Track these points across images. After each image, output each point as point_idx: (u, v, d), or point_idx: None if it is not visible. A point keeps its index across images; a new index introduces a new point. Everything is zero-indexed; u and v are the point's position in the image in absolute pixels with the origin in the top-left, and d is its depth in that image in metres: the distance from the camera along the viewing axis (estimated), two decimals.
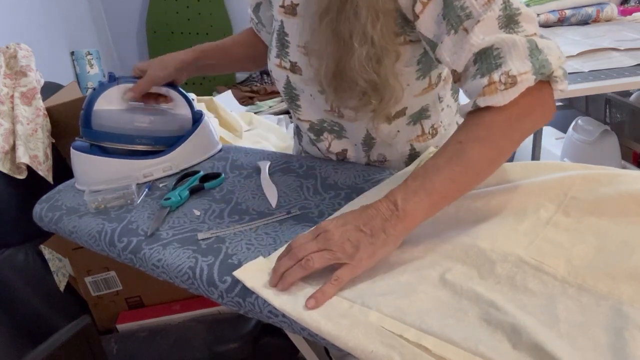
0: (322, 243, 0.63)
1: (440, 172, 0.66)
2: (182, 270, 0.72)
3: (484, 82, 0.66)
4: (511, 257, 0.65)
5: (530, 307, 0.58)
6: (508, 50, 0.66)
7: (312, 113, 0.93)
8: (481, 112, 0.67)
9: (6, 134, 1.34)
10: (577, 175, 0.77)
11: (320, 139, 0.97)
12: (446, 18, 0.69)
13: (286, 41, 0.87)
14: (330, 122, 0.93)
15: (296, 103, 0.94)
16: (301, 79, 0.88)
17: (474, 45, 0.67)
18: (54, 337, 1.07)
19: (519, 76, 0.65)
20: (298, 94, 0.92)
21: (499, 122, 0.67)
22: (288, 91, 0.93)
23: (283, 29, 0.87)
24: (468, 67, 0.70)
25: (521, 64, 0.66)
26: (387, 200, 0.65)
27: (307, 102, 0.92)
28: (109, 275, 1.34)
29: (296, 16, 0.85)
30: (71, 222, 0.88)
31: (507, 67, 0.66)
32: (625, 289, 0.59)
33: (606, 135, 2.22)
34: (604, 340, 0.53)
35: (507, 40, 0.66)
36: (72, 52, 2.41)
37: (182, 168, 1.03)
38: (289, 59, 0.88)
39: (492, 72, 0.66)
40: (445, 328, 0.56)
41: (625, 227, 0.68)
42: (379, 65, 0.76)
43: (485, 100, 0.66)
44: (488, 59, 0.67)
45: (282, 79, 0.92)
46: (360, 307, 0.60)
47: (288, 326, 0.63)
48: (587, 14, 2.08)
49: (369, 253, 0.63)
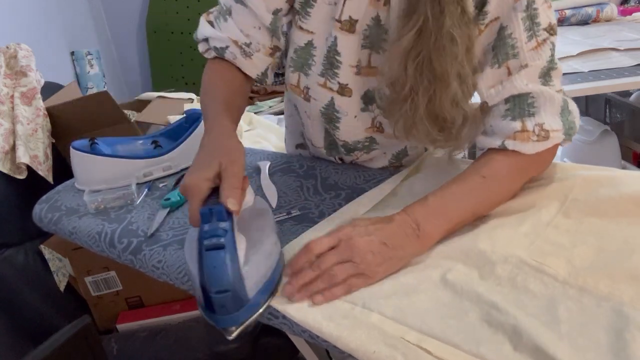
0: (345, 253, 0.64)
1: (462, 201, 0.70)
2: (182, 271, 0.72)
3: (516, 127, 0.71)
4: (512, 258, 0.65)
5: (531, 308, 0.58)
6: (544, 103, 0.71)
7: (351, 135, 0.88)
8: (505, 152, 0.72)
9: (6, 134, 1.34)
10: (577, 176, 0.77)
11: (350, 155, 0.94)
12: (495, 50, 0.72)
13: (337, 60, 0.79)
14: (364, 140, 0.89)
15: (335, 125, 0.87)
16: (349, 101, 0.82)
17: (516, 88, 0.71)
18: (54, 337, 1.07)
19: (552, 132, 0.71)
20: (340, 117, 0.85)
21: (520, 166, 0.73)
22: (328, 112, 0.85)
23: (335, 47, 0.78)
24: (499, 104, 0.73)
25: (553, 120, 0.72)
26: (408, 217, 0.68)
27: (349, 124, 0.86)
28: (109, 275, 1.34)
29: (354, 33, 0.77)
30: (71, 222, 0.88)
31: (541, 120, 0.71)
32: (626, 289, 0.59)
33: (606, 135, 2.22)
34: (604, 341, 0.53)
35: (545, 93, 0.71)
36: (72, 52, 2.41)
37: (182, 168, 1.03)
38: (338, 80, 0.81)
39: (524, 119, 0.71)
40: (446, 329, 0.56)
41: (625, 228, 0.68)
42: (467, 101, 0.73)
43: (515, 145, 0.71)
44: (522, 104, 0.72)
45: (324, 99, 0.83)
46: (362, 310, 0.60)
47: (289, 328, 0.63)
48: (587, 14, 2.08)
49: (386, 268, 0.65)
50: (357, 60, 0.80)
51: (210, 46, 0.83)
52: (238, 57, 0.81)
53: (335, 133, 0.89)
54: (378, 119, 0.86)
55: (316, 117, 0.88)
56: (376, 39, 0.79)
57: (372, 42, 0.79)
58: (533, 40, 0.71)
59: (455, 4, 0.67)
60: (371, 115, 0.85)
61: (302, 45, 0.82)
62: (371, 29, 0.78)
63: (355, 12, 0.76)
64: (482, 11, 0.71)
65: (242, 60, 0.82)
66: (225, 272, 0.55)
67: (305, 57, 0.82)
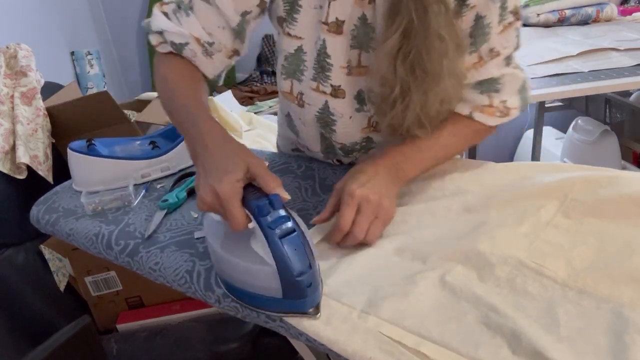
0: (370, 213, 0.71)
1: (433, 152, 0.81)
2: (180, 274, 0.72)
3: (484, 101, 0.80)
4: (511, 259, 0.65)
5: (530, 310, 0.58)
6: (508, 82, 0.80)
7: (348, 137, 0.88)
8: (471, 119, 0.82)
9: (6, 134, 1.34)
10: (577, 176, 0.77)
11: (349, 157, 0.95)
12: (472, 38, 0.77)
13: (327, 63, 0.79)
14: (362, 141, 0.89)
15: (331, 128, 0.87)
16: (343, 102, 0.83)
17: (489, 74, 0.79)
18: (54, 337, 1.08)
19: (512, 110, 0.82)
20: (335, 120, 0.85)
21: (478, 132, 0.84)
22: (323, 116, 0.85)
23: (325, 49, 0.79)
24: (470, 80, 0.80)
25: (513, 98, 0.81)
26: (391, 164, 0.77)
27: (344, 125, 0.86)
28: (109, 275, 1.34)
29: (342, 34, 0.78)
30: (68, 224, 0.87)
31: (504, 97, 0.81)
32: (626, 291, 0.58)
33: (606, 135, 2.22)
34: (604, 344, 0.52)
35: (510, 74, 0.80)
36: (72, 52, 2.41)
37: (180, 168, 1.03)
38: (330, 82, 0.81)
39: (491, 94, 0.80)
40: (445, 332, 0.55)
41: (625, 229, 0.68)
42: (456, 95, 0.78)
43: (481, 117, 0.81)
44: (490, 82, 0.80)
45: (318, 103, 0.83)
46: (360, 313, 0.60)
47: (285, 331, 0.63)
48: (587, 14, 2.07)
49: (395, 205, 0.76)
50: (347, 61, 0.80)
51: (166, 40, 0.78)
52: (198, 55, 0.78)
53: (331, 136, 0.89)
54: (374, 118, 0.86)
55: (311, 122, 0.88)
56: (364, 38, 0.79)
57: (360, 41, 0.79)
58: (500, 25, 0.76)
59: (438, 2, 0.69)
60: (367, 115, 0.85)
61: (292, 51, 0.82)
62: (358, 28, 0.78)
63: (341, 13, 0.76)
64: (464, 4, 0.73)
65: (202, 58, 0.79)
66: (305, 253, 0.58)
67: (296, 63, 0.82)
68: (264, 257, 0.58)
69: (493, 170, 0.86)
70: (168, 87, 0.76)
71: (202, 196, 0.59)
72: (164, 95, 0.77)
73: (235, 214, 0.58)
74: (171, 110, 0.74)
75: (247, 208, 0.58)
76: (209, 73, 0.81)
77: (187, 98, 0.73)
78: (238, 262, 0.61)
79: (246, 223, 0.59)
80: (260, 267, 0.58)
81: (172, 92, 0.75)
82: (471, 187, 0.81)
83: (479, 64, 0.78)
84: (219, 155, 0.62)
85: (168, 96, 0.75)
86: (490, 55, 0.77)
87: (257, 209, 0.57)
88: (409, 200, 0.82)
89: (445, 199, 0.80)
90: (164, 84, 0.78)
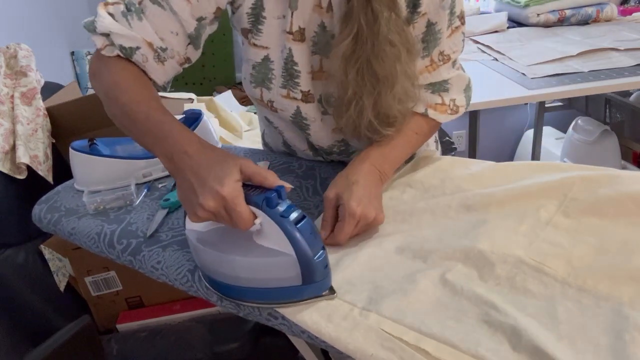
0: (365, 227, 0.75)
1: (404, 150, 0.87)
2: (182, 273, 0.72)
3: (437, 100, 0.87)
4: (511, 258, 0.65)
5: (530, 308, 0.58)
6: (455, 82, 0.87)
7: (324, 139, 0.91)
8: (425, 117, 0.87)
9: (6, 134, 1.34)
10: (577, 176, 0.77)
11: (331, 157, 0.97)
12: (425, 43, 0.81)
13: (295, 70, 0.81)
14: (338, 144, 0.92)
15: (307, 131, 0.89)
16: (314, 107, 0.85)
17: (440, 77, 0.85)
18: (54, 337, 1.07)
19: (460, 107, 0.89)
20: (308, 124, 0.87)
21: (433, 128, 0.91)
22: (297, 120, 0.87)
23: (292, 58, 0.80)
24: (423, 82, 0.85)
25: (460, 97, 0.89)
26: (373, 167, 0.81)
27: (318, 127, 0.88)
28: (109, 275, 1.34)
29: (304, 42, 0.80)
30: (70, 223, 0.87)
31: (453, 96, 0.87)
32: (626, 290, 0.59)
33: (606, 135, 2.22)
34: (604, 342, 0.53)
35: (457, 76, 0.87)
36: (72, 52, 2.40)
37: None
38: (300, 88, 0.82)
39: (442, 94, 0.87)
40: (445, 330, 0.55)
41: (625, 228, 0.68)
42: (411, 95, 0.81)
43: (435, 115, 0.87)
44: (441, 84, 0.86)
45: (290, 109, 0.85)
46: (361, 310, 0.60)
47: (287, 329, 0.63)
48: (587, 14, 2.08)
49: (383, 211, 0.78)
50: (310, 66, 0.82)
51: (113, 43, 0.73)
52: (149, 61, 0.75)
53: (309, 139, 0.91)
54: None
55: (289, 126, 0.90)
56: (324, 45, 0.80)
57: (320, 47, 0.81)
58: (449, 29, 0.81)
59: (387, 10, 0.71)
60: (331, 118, 0.86)
61: (259, 60, 0.82)
62: (318, 35, 0.80)
63: (302, 22, 0.78)
64: (415, 11, 0.77)
65: (153, 64, 0.75)
66: (318, 235, 0.61)
67: (264, 72, 0.82)
68: (279, 248, 0.59)
69: (493, 169, 0.86)
70: (122, 95, 0.71)
71: (202, 204, 0.58)
72: (117, 104, 0.71)
73: (243, 212, 0.58)
74: (130, 120, 0.69)
75: (253, 204, 0.59)
76: (159, 80, 0.78)
77: (150, 108, 0.69)
78: (255, 260, 0.61)
79: (253, 220, 0.60)
80: (279, 259, 0.59)
81: (129, 101, 0.70)
82: (471, 187, 0.82)
83: (431, 67, 0.83)
84: (208, 161, 0.61)
85: (123, 104, 0.70)
86: (442, 58, 0.83)
87: (265, 202, 0.59)
88: (410, 200, 0.83)
89: (445, 198, 0.80)
90: (115, 91, 0.72)
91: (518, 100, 1.56)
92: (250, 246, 0.61)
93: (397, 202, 0.83)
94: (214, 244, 0.64)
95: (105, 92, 0.73)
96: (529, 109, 2.69)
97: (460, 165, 0.89)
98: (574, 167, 0.82)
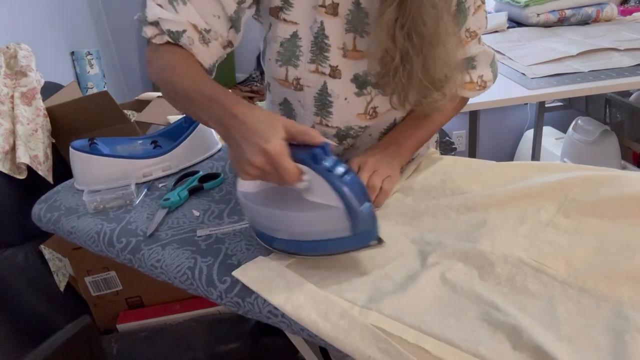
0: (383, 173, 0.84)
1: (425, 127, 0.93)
2: (181, 270, 0.72)
3: (465, 78, 0.91)
4: (511, 258, 0.65)
5: (530, 308, 0.58)
6: (482, 59, 0.92)
7: (344, 119, 0.90)
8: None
9: (6, 134, 1.34)
10: (577, 176, 0.77)
11: (342, 144, 0.95)
12: (456, 19, 0.84)
13: (325, 44, 0.82)
14: (357, 128, 0.91)
15: (328, 110, 0.88)
16: (340, 83, 0.85)
17: (469, 52, 0.90)
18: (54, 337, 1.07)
19: (488, 82, 0.94)
20: (332, 101, 0.87)
21: (460, 105, 0.98)
22: (322, 98, 0.87)
23: (323, 31, 0.81)
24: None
25: (487, 72, 0.93)
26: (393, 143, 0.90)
27: (341, 107, 0.88)
28: (109, 275, 1.34)
29: (338, 16, 0.81)
30: (70, 222, 0.88)
31: (481, 72, 0.93)
32: (626, 290, 0.59)
33: (606, 135, 2.22)
34: (604, 342, 0.53)
35: (483, 52, 0.92)
36: (72, 52, 2.40)
37: (182, 168, 1.03)
38: (329, 63, 0.83)
39: (470, 71, 0.92)
40: (445, 329, 0.55)
41: (625, 229, 0.68)
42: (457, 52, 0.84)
43: (464, 93, 0.94)
44: (469, 61, 0.91)
45: (317, 84, 0.85)
46: (361, 309, 0.60)
47: (287, 326, 0.63)
48: (587, 14, 2.08)
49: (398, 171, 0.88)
50: (343, 44, 0.83)
51: (162, 30, 0.76)
52: (195, 43, 0.78)
53: (328, 120, 0.90)
54: (372, 103, 0.88)
55: (310, 105, 0.89)
56: (359, 22, 0.82)
57: (355, 25, 0.82)
58: (473, 7, 0.86)
59: None
60: (365, 100, 0.87)
61: (288, 37, 0.83)
62: (352, 12, 0.81)
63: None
64: None
65: (199, 46, 0.78)
66: (364, 187, 0.64)
67: (292, 49, 0.83)
68: (327, 202, 0.62)
69: (493, 170, 0.86)
70: (174, 76, 0.75)
71: (250, 160, 0.60)
72: (170, 84, 0.75)
73: (290, 168, 0.61)
74: (182, 95, 0.73)
75: (301, 161, 0.62)
76: (206, 62, 0.81)
77: (199, 82, 0.72)
78: (306, 215, 0.64)
79: (301, 175, 0.62)
80: (328, 212, 0.62)
81: (182, 77, 0.74)
82: (471, 187, 0.82)
83: (461, 43, 0.88)
84: (254, 121, 0.63)
85: (175, 84, 0.74)
86: (469, 35, 0.88)
87: (312, 158, 0.61)
88: (411, 202, 0.83)
89: (445, 199, 0.80)
90: (167, 72, 0.76)
91: (518, 100, 1.56)
92: (300, 202, 0.64)
93: (399, 203, 0.83)
94: (264, 202, 0.68)
95: (158, 76, 0.77)
96: (529, 109, 2.69)
97: (461, 165, 0.89)
98: (575, 168, 0.82)
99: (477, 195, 0.78)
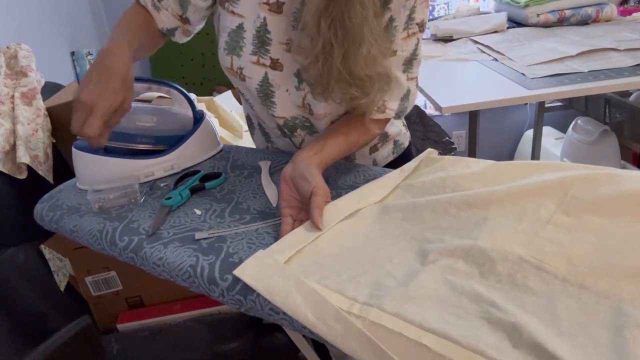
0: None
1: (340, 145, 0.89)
2: (183, 268, 0.72)
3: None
4: (512, 255, 0.65)
5: (530, 305, 0.58)
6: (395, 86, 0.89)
7: (287, 109, 0.95)
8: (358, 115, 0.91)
9: (6, 134, 1.34)
10: (577, 174, 0.77)
11: (294, 135, 1.00)
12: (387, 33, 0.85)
13: (267, 38, 0.88)
14: (301, 118, 0.96)
15: (271, 100, 0.94)
16: (281, 75, 0.90)
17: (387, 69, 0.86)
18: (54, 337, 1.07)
19: (388, 110, 0.92)
20: (274, 91, 0.93)
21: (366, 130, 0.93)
22: (263, 88, 0.93)
23: (265, 26, 0.87)
24: None
25: (394, 102, 0.92)
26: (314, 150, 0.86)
27: (283, 98, 0.93)
28: (109, 275, 1.34)
29: (282, 14, 0.86)
30: (72, 221, 0.88)
31: (387, 98, 0.90)
32: (626, 287, 0.59)
33: (606, 135, 2.23)
34: (604, 338, 0.53)
35: (397, 80, 0.89)
36: (72, 52, 2.40)
37: (184, 168, 1.03)
38: (270, 55, 0.89)
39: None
40: (446, 325, 0.56)
41: (625, 227, 0.68)
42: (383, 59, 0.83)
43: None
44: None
45: (258, 75, 0.91)
46: (362, 306, 0.60)
47: (289, 324, 0.63)
48: (586, 14, 2.08)
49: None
50: (288, 39, 0.88)
51: None
52: (149, 7, 0.93)
53: (273, 111, 0.96)
54: (307, 99, 0.93)
55: (254, 95, 0.95)
56: None
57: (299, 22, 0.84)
58: (405, 32, 0.87)
59: None
60: (302, 94, 0.92)
61: (234, 27, 0.90)
62: (300, 11, 0.85)
63: None
64: (386, 6, 0.83)
65: (152, 10, 0.93)
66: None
67: (236, 39, 0.90)
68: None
69: (493, 168, 0.86)
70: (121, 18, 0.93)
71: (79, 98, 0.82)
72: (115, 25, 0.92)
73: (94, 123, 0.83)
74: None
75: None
76: (158, 24, 0.95)
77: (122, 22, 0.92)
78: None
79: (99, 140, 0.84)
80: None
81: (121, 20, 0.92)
82: (472, 185, 0.82)
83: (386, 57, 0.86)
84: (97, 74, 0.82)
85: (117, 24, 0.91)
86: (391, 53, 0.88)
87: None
88: (411, 198, 0.83)
89: (446, 196, 0.80)
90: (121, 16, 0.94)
91: (518, 100, 1.56)
92: None
93: (399, 199, 0.83)
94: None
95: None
96: (528, 109, 2.69)
97: (461, 164, 0.90)
98: (574, 166, 0.82)
99: (477, 192, 0.78)
